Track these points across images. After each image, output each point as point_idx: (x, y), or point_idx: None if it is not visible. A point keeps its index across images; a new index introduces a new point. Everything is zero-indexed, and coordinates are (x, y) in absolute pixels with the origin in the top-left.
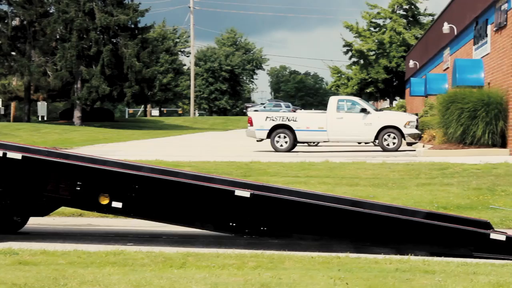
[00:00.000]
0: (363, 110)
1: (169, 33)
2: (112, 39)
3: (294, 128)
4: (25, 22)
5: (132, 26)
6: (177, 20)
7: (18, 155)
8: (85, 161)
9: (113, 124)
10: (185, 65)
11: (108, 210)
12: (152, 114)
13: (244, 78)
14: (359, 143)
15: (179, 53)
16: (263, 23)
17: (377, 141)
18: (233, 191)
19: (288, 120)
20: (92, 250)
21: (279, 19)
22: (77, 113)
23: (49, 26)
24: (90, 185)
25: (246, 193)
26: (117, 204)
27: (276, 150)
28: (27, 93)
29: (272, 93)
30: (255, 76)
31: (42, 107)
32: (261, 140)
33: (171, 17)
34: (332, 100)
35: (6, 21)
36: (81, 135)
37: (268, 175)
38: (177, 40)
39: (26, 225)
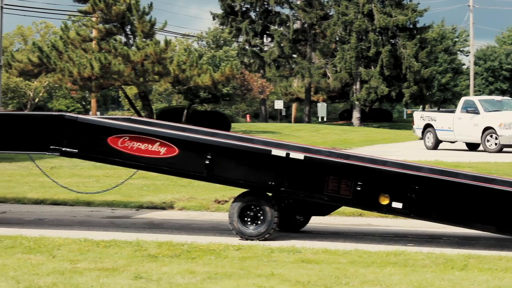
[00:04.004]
0: (476, 111)
1: (447, 32)
2: (391, 40)
3: (434, 127)
4: (305, 25)
5: (411, 26)
6: (456, 19)
7: (300, 155)
8: (365, 162)
9: (391, 124)
10: (464, 64)
11: (388, 210)
12: None
13: None
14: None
15: (458, 52)
16: None
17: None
18: None
19: (431, 119)
20: (373, 250)
21: None
22: (356, 114)
23: (329, 28)
24: (370, 185)
25: None
26: (397, 205)
27: (426, 147)
28: (307, 95)
29: None
30: None
31: (322, 108)
32: (421, 138)
33: (450, 16)
34: (460, 101)
35: (288, 24)
36: (359, 136)
37: None
38: (456, 39)
39: (307, 224)
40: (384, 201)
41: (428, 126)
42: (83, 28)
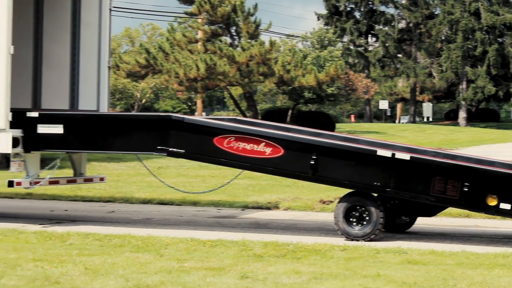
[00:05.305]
0: None
1: None
2: (498, 39)
3: None
4: (410, 24)
5: None
6: None
7: (406, 156)
8: (472, 162)
9: (498, 124)
10: None
11: (495, 211)
12: None
13: None
14: None
15: None
16: None
17: None
18: None
19: None
20: (480, 252)
21: None
22: (462, 114)
23: (435, 28)
24: (478, 186)
25: None
26: (505, 206)
27: None
28: (412, 94)
29: None
30: None
31: (427, 108)
32: None
33: None
34: None
35: (392, 24)
36: (466, 136)
37: None
38: None
39: (413, 225)
40: (492, 202)
41: None
42: (189, 30)
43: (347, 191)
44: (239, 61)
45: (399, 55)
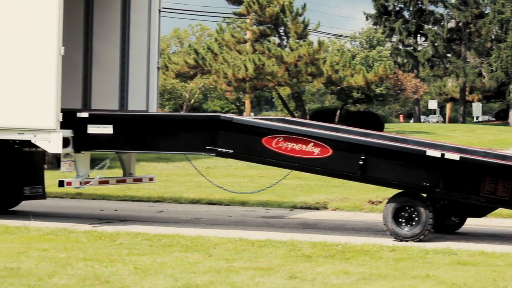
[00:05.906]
0: None
1: None
2: None
3: None
4: (460, 24)
5: None
6: None
7: (455, 156)
8: None
9: None
10: None
11: None
12: None
13: None
14: None
15: None
16: None
17: None
18: None
19: None
20: None
21: None
22: None
23: (484, 27)
24: None
25: None
26: None
27: None
28: (462, 94)
29: None
30: None
31: (477, 108)
32: None
33: None
34: None
35: (442, 23)
36: None
37: None
38: None
39: (462, 226)
40: None
41: None
42: (237, 30)
43: (395, 191)
44: (288, 61)
45: (449, 55)
